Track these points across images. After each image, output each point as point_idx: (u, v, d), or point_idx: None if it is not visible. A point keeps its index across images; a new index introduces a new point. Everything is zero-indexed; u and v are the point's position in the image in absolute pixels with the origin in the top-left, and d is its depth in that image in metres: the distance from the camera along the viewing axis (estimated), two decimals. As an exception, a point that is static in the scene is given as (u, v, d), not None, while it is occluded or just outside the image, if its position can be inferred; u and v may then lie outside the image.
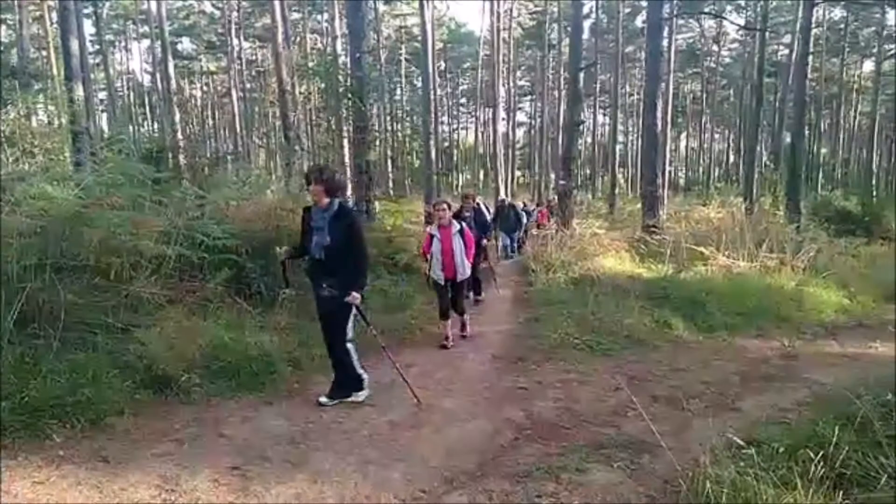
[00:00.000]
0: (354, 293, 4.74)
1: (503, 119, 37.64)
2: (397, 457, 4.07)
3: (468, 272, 7.17)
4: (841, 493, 2.99)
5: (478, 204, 12.25)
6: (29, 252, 5.62)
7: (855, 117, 46.56)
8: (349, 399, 5.03)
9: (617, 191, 28.54)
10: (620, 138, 40.65)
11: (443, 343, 7.02)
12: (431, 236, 7.04)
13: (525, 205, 21.31)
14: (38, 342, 4.93)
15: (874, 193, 27.90)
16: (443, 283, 7.05)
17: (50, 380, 4.45)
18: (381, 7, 36.33)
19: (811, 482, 2.97)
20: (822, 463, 3.07)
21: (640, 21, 37.56)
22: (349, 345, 4.98)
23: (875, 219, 18.45)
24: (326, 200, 4.72)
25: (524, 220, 16.90)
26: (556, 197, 22.02)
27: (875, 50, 38.45)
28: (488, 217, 11.84)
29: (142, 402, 4.73)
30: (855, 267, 12.10)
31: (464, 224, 7.21)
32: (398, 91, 46.58)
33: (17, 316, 4.95)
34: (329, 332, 5.04)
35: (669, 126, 23.28)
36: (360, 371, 5.11)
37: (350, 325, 4.93)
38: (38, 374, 4.46)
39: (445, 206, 7.12)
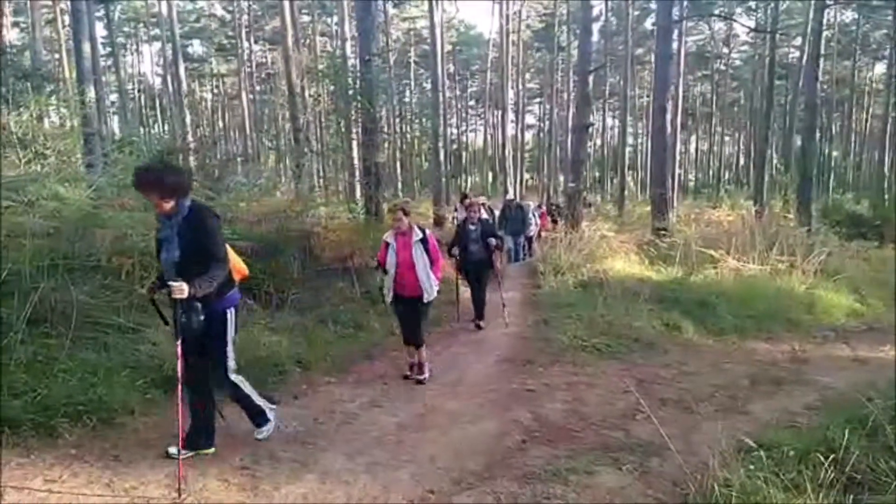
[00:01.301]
0: (182, 285, 3.54)
1: (512, 121, 37.67)
2: (405, 457, 4.08)
3: (434, 292, 5.79)
4: (851, 497, 2.99)
5: (490, 209, 12.06)
6: (41, 252, 5.67)
7: (867, 120, 46.19)
8: (260, 436, 4.23)
9: (626, 193, 28.46)
10: (630, 141, 40.51)
11: (407, 374, 5.86)
12: (387, 245, 5.75)
13: (539, 205, 21.01)
14: (50, 341, 4.98)
15: (886, 197, 27.65)
16: (403, 301, 5.77)
17: (62, 379, 4.49)
18: (391, 10, 36.41)
19: (821, 486, 2.96)
20: (832, 467, 3.06)
21: (649, 23, 37.43)
22: (234, 376, 4.01)
23: (886, 222, 18.29)
24: (169, 205, 3.69)
25: (532, 220, 15.47)
26: (560, 200, 22.02)
27: (887, 52, 38.11)
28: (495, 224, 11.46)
29: (153, 401, 4.76)
30: (866, 271, 12.02)
31: (427, 231, 5.86)
32: (407, 93, 46.67)
33: (30, 315, 5.00)
34: (200, 369, 3.94)
35: (679, 128, 23.24)
36: (261, 402, 4.23)
37: (230, 351, 3.96)
38: (51, 374, 4.50)
39: (402, 212, 5.73)
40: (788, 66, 36.63)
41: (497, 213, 14.07)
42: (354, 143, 14.02)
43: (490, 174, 43.63)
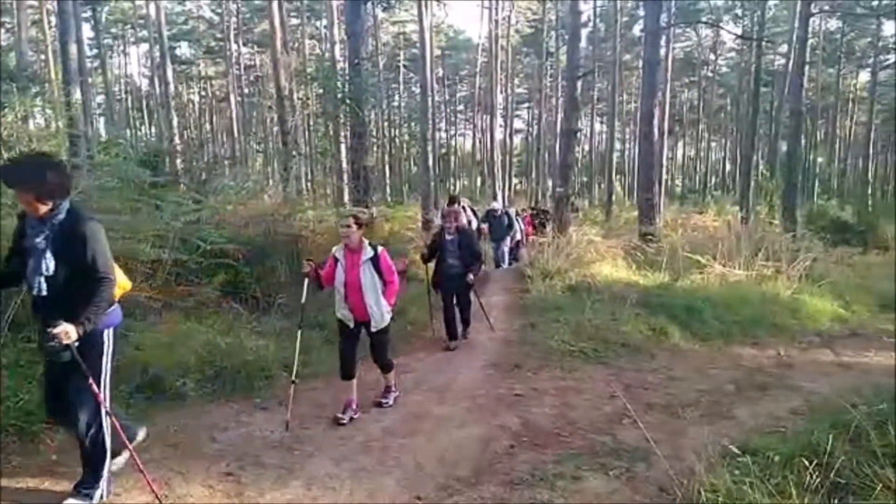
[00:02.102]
0: (68, 328, 2.93)
1: (501, 126, 37.71)
2: (392, 463, 4.06)
3: (386, 319, 4.96)
4: (836, 501, 3.00)
5: (474, 212, 11.75)
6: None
7: (851, 127, 46.72)
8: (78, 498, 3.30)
9: (614, 198, 28.59)
10: (617, 146, 40.73)
11: (338, 416, 4.76)
12: (335, 260, 4.91)
13: (518, 212, 20.80)
14: (32, 346, 4.91)
15: (870, 203, 27.97)
16: (351, 325, 4.94)
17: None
18: (380, 13, 36.40)
19: (806, 491, 2.98)
20: (817, 472, 3.07)
21: (637, 30, 37.69)
22: (104, 418, 3.27)
23: (871, 228, 18.51)
24: (46, 208, 3.08)
25: (517, 225, 14.78)
26: (546, 205, 22.00)
27: (871, 60, 38.64)
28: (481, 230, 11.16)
29: (136, 406, 4.71)
30: (850, 276, 12.13)
31: (380, 249, 4.94)
32: (396, 97, 46.68)
33: (12, 319, 4.94)
34: (63, 403, 3.28)
35: (666, 134, 23.38)
36: (107, 471, 3.37)
37: (105, 380, 3.27)
38: (33, 379, 4.44)
39: (352, 221, 4.79)
40: (774, 73, 36.99)
41: (480, 217, 13.72)
42: (343, 147, 14.01)
43: (479, 179, 43.66)
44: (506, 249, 14.12)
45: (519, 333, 7.79)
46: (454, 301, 7.46)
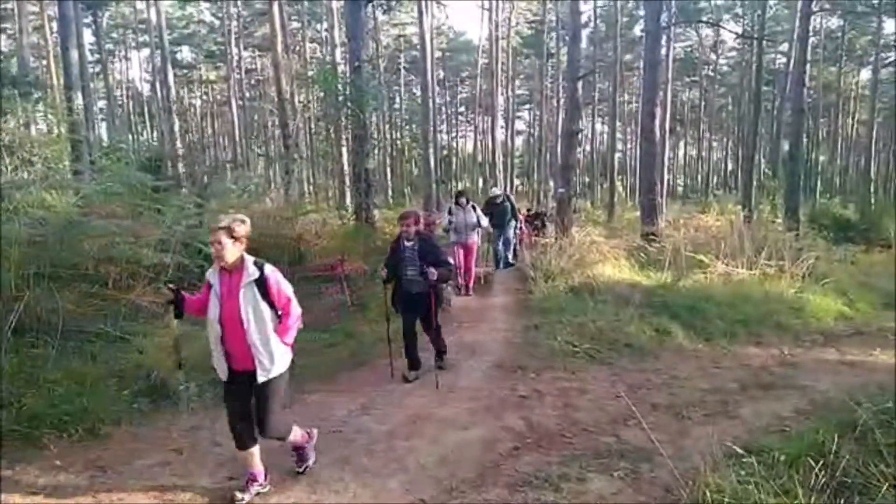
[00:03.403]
0: None
1: (502, 127, 37.73)
2: (395, 465, 4.05)
3: (280, 365, 3.58)
4: (842, 501, 2.99)
5: (473, 206, 10.55)
6: (27, 260, 5.62)
7: (853, 125, 46.63)
8: None
9: (616, 199, 28.56)
10: (619, 146, 40.73)
11: (235, 496, 3.57)
12: (209, 287, 3.63)
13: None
14: (36, 351, 4.92)
15: (872, 201, 27.92)
16: (226, 378, 3.62)
17: (48, 389, 4.44)
18: (380, 16, 36.45)
19: (812, 490, 2.96)
20: (822, 471, 3.06)
21: (638, 30, 37.69)
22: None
23: (873, 226, 18.47)
24: None
25: (518, 216, 13.76)
26: (544, 207, 21.91)
27: (872, 58, 38.57)
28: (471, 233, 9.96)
29: (139, 410, 4.72)
30: (853, 274, 12.09)
31: (268, 268, 3.56)
32: (397, 99, 46.69)
33: (15, 325, 4.94)
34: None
35: (668, 134, 23.35)
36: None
37: None
38: (36, 384, 4.45)
39: (223, 234, 3.48)
40: (775, 72, 37.01)
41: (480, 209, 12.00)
42: (344, 150, 14.01)
43: (480, 180, 43.63)
44: (511, 236, 12.84)
45: (522, 335, 7.76)
46: (417, 323, 6.13)
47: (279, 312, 3.60)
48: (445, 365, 6.43)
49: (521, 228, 14.78)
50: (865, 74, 43.24)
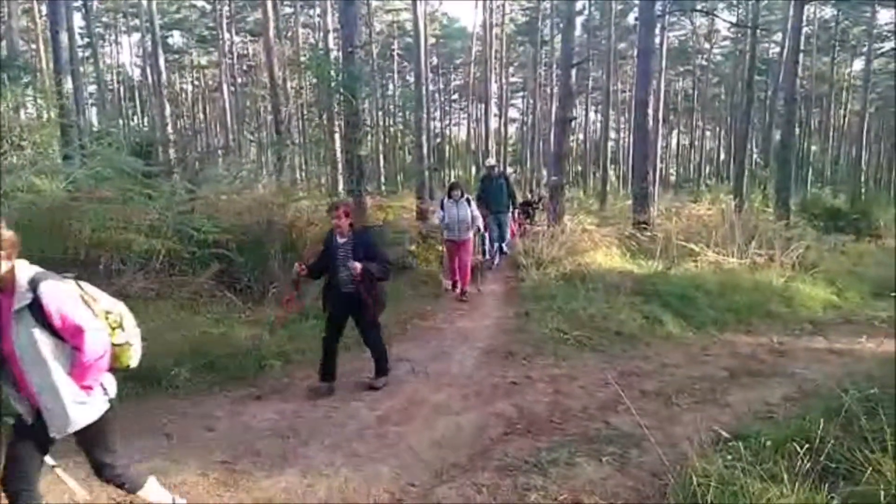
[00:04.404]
0: None
1: (495, 115, 37.59)
2: (387, 451, 4.07)
3: (78, 417, 2.68)
4: (826, 486, 3.02)
5: (463, 193, 9.31)
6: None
7: (845, 116, 46.76)
8: None
9: (608, 187, 28.57)
10: (612, 135, 40.77)
11: None
12: None
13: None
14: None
15: (863, 191, 28.05)
16: (30, 421, 2.69)
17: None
18: (374, 2, 36.19)
19: (797, 476, 2.99)
20: (808, 457, 3.10)
21: (632, 18, 37.60)
22: None
23: (863, 216, 18.54)
24: None
25: (517, 198, 12.53)
26: (535, 195, 21.86)
27: (865, 48, 38.63)
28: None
29: (130, 396, 4.71)
30: (843, 263, 12.18)
31: (45, 286, 2.53)
32: (390, 86, 46.47)
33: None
34: None
35: (661, 123, 23.30)
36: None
37: None
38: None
39: None
40: (769, 62, 37.00)
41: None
42: (337, 136, 13.94)
43: (473, 168, 43.56)
44: (505, 221, 11.24)
45: (513, 322, 7.80)
46: (346, 330, 5.36)
47: (71, 345, 2.59)
48: (381, 384, 5.30)
49: (515, 216, 13.10)
50: (858, 65, 43.31)
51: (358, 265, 4.86)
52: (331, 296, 5.23)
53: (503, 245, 11.44)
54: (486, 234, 11.07)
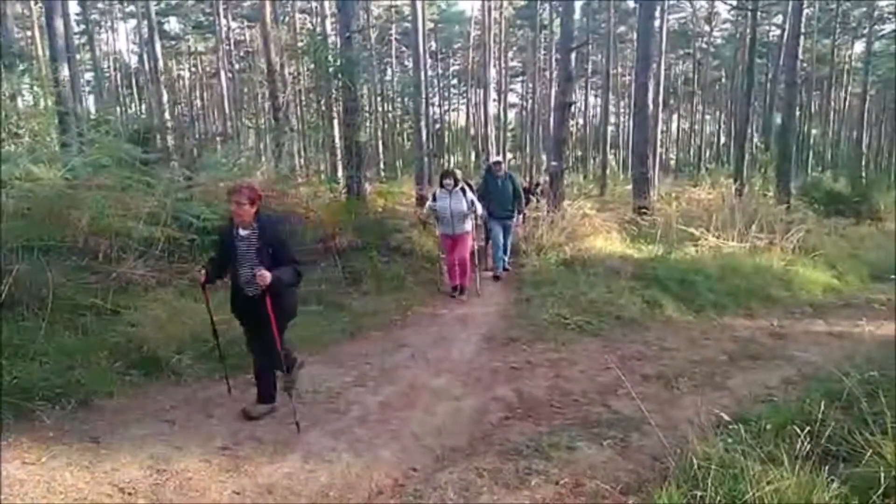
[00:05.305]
0: None
1: (494, 100, 37.44)
2: (388, 436, 4.09)
3: None
4: (827, 468, 3.03)
5: (466, 182, 8.51)
6: (15, 234, 5.58)
7: (845, 98, 46.54)
8: None
9: (608, 172, 28.48)
10: (612, 120, 40.61)
11: None
12: None
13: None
14: (26, 324, 4.91)
15: (863, 175, 27.97)
16: None
17: (39, 362, 4.44)
18: (371, -14, 35.88)
19: (797, 458, 3.00)
20: (808, 439, 3.10)
21: (631, 1, 37.34)
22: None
23: (864, 199, 18.51)
24: None
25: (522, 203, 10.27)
26: (537, 178, 21.78)
27: (866, 31, 38.40)
28: None
29: (132, 383, 4.73)
30: (843, 247, 12.18)
31: None
32: (388, 71, 46.20)
33: (5, 298, 4.92)
34: None
35: (661, 107, 23.17)
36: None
37: None
38: (27, 357, 4.44)
39: None
40: (769, 45, 36.74)
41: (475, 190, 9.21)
42: (335, 122, 13.88)
43: (473, 153, 43.41)
44: (511, 225, 9.86)
45: (514, 307, 7.81)
46: (256, 337, 4.38)
47: None
48: (258, 413, 4.33)
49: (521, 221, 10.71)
50: (859, 47, 43.04)
51: (267, 275, 3.94)
52: (235, 299, 4.35)
53: (505, 259, 9.89)
54: (496, 238, 9.69)
